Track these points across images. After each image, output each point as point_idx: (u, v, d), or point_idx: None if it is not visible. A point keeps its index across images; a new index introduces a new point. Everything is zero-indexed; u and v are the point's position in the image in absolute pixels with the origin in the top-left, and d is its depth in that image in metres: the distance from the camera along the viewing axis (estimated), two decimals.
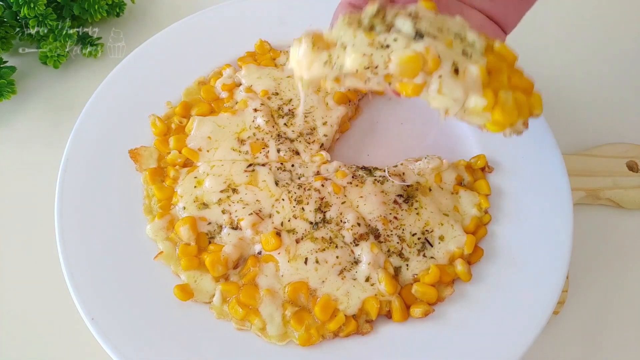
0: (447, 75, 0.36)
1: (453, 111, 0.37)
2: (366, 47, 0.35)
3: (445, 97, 0.36)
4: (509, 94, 0.37)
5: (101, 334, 0.50)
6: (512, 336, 0.51)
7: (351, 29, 0.36)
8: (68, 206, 0.58)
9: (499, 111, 0.37)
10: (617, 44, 0.86)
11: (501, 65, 0.39)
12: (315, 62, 0.37)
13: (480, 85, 0.36)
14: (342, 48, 0.36)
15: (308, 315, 0.52)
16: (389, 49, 0.35)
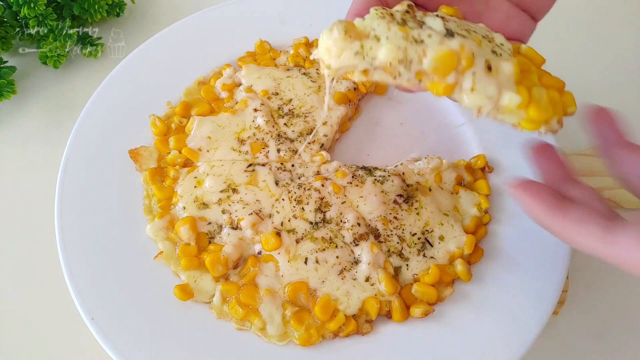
0: (480, 72, 0.35)
1: (486, 109, 0.36)
2: (401, 40, 0.34)
3: (478, 94, 0.35)
4: (543, 91, 0.37)
5: (101, 334, 0.50)
6: (512, 336, 0.51)
7: (385, 21, 0.35)
8: (68, 206, 0.58)
9: (534, 108, 0.36)
10: (617, 43, 0.86)
11: (530, 65, 0.39)
12: (346, 51, 0.35)
13: (514, 82, 0.36)
14: (375, 39, 0.35)
15: (308, 315, 0.52)
16: (424, 44, 0.34)
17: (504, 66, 0.36)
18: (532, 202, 0.39)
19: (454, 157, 0.64)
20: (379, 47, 0.35)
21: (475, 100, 0.35)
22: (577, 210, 0.37)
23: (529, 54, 0.41)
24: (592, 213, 0.37)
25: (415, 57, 0.34)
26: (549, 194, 0.38)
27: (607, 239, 0.35)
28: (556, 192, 0.39)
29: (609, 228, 0.36)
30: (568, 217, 0.37)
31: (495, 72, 0.35)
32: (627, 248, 0.35)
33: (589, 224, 0.36)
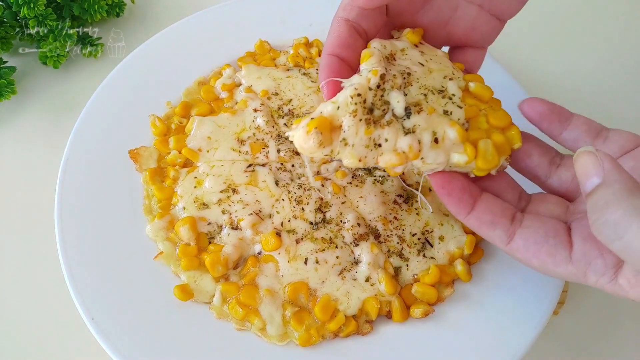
0: (428, 149, 0.41)
1: (440, 168, 0.43)
2: (363, 148, 0.41)
3: (429, 165, 0.42)
4: (488, 142, 0.42)
5: (101, 334, 0.50)
6: (512, 336, 0.51)
7: (355, 121, 0.40)
8: (68, 206, 0.58)
9: (481, 160, 0.42)
10: (617, 43, 0.86)
11: (478, 108, 0.44)
12: (317, 153, 0.41)
13: (460, 144, 0.42)
14: (343, 144, 0.41)
15: (308, 316, 0.52)
16: (380, 149, 0.41)
17: (450, 134, 0.42)
18: (447, 201, 0.43)
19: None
20: (344, 155, 0.41)
21: (428, 168, 0.43)
22: (487, 213, 0.42)
23: (478, 92, 0.45)
24: (501, 215, 0.42)
25: (371, 162, 0.42)
26: (461, 191, 0.43)
27: (511, 246, 0.41)
28: (474, 190, 0.43)
29: (510, 233, 0.41)
30: (479, 220, 0.42)
31: (442, 141, 0.42)
32: (522, 252, 0.41)
33: (496, 230, 0.42)
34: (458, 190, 0.43)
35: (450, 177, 0.43)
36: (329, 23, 0.46)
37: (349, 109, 0.40)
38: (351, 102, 0.40)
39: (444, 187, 0.43)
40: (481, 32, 0.50)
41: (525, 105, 0.45)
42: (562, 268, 0.40)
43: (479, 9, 0.49)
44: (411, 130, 0.41)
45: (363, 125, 0.41)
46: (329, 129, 0.40)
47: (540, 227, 0.41)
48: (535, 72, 0.81)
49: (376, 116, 0.41)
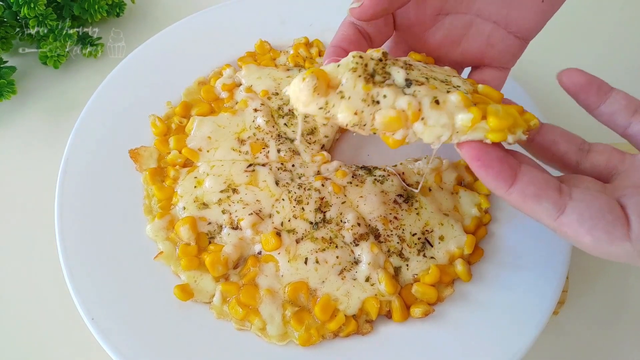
0: (428, 110, 0.38)
1: (446, 136, 0.38)
2: (359, 102, 0.39)
3: (433, 128, 0.38)
4: (498, 106, 0.39)
5: (101, 334, 0.50)
6: (512, 336, 0.51)
7: (354, 75, 0.39)
8: (68, 206, 0.58)
9: (493, 117, 0.38)
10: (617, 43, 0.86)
11: (487, 101, 0.41)
12: (312, 105, 0.39)
13: (464, 107, 0.38)
14: (339, 97, 0.39)
15: (308, 315, 0.52)
16: (378, 105, 0.39)
17: (451, 97, 0.38)
18: (484, 175, 0.38)
19: (454, 157, 0.64)
20: (339, 109, 0.39)
21: (432, 134, 0.39)
22: (531, 185, 0.37)
23: (487, 92, 0.42)
24: (546, 187, 0.37)
25: (368, 121, 0.39)
26: (500, 162, 0.37)
27: (561, 221, 0.37)
28: (512, 161, 0.38)
29: (560, 206, 0.37)
30: (523, 193, 0.37)
31: (443, 104, 0.38)
32: (573, 228, 0.37)
33: (543, 202, 0.37)
34: (496, 162, 0.37)
35: (485, 147, 0.38)
36: (329, 23, 0.47)
37: (349, 67, 0.39)
38: (352, 61, 0.40)
39: (480, 158, 0.38)
40: (499, 51, 0.48)
41: (564, 76, 0.42)
42: (618, 246, 0.36)
43: (494, 26, 0.47)
44: (411, 94, 0.39)
45: (362, 81, 0.39)
46: (325, 82, 0.39)
47: (593, 201, 0.37)
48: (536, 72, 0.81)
49: (376, 81, 0.40)
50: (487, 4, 0.47)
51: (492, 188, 0.38)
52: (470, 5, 0.47)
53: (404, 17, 0.48)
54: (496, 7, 0.47)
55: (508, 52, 0.48)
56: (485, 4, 0.47)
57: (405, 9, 0.47)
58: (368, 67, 0.40)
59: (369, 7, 0.42)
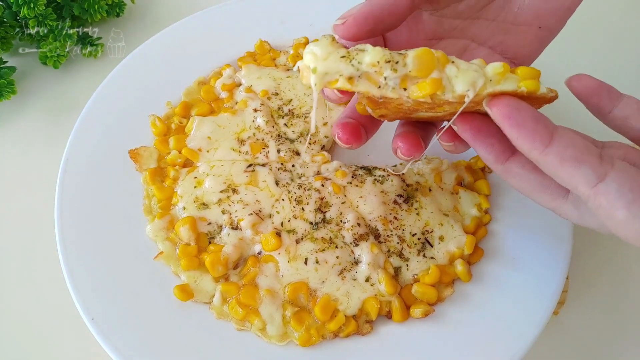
0: (457, 59, 0.36)
1: (481, 82, 0.35)
2: (384, 49, 0.36)
3: (466, 73, 0.35)
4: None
5: (101, 334, 0.50)
6: (512, 336, 0.51)
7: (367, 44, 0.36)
8: (68, 206, 0.58)
9: (522, 68, 0.36)
10: (617, 43, 0.86)
11: None
12: (333, 55, 0.35)
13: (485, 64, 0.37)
14: (360, 50, 0.36)
15: (308, 316, 0.52)
16: (404, 55, 0.36)
17: (473, 60, 0.37)
18: (517, 134, 0.35)
19: (454, 157, 0.64)
20: (365, 53, 0.35)
21: (465, 79, 0.35)
22: (570, 147, 0.34)
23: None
24: (586, 151, 0.35)
25: (399, 59, 0.35)
26: (535, 121, 0.35)
27: (598, 189, 0.34)
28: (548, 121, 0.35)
29: (600, 173, 0.34)
30: (560, 155, 0.34)
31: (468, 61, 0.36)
32: (609, 200, 0.34)
33: (582, 167, 0.34)
34: (531, 120, 0.34)
35: (517, 103, 0.35)
36: (329, 23, 0.46)
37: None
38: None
39: (512, 116, 0.34)
40: None
41: (574, 81, 0.40)
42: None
43: (489, 52, 0.45)
44: None
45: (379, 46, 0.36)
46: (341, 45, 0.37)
47: (636, 174, 0.34)
48: None
49: None
50: (483, 29, 0.45)
51: (526, 149, 0.35)
52: (465, 30, 0.46)
53: (395, 40, 0.45)
54: (492, 32, 0.45)
55: None
56: (480, 29, 0.45)
57: (396, 33, 0.45)
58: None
59: (352, 26, 0.39)
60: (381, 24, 0.40)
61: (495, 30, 0.45)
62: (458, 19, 0.45)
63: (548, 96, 0.37)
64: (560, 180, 0.36)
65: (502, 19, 0.45)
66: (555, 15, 0.44)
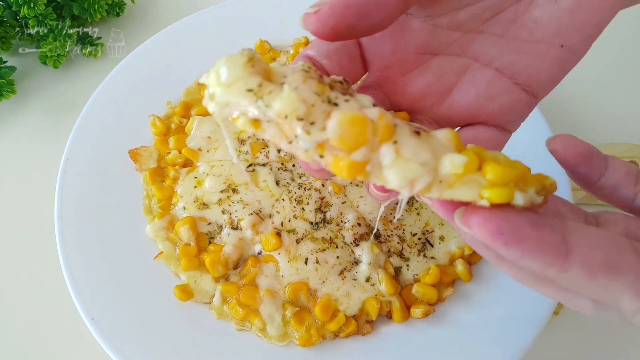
0: (405, 138, 0.26)
1: (423, 183, 0.25)
2: (310, 93, 0.26)
3: (407, 163, 0.25)
4: (499, 153, 0.27)
5: (101, 334, 0.50)
6: (512, 336, 0.51)
7: (304, 75, 0.27)
8: (68, 206, 0.57)
9: (493, 165, 0.25)
10: (618, 43, 0.86)
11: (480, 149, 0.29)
12: (240, 82, 0.26)
13: (454, 147, 0.26)
14: (279, 86, 0.26)
15: (308, 316, 0.52)
16: (336, 107, 0.26)
17: (439, 133, 0.27)
18: (521, 254, 0.25)
19: None
20: (275, 96, 0.26)
21: (404, 172, 0.25)
22: (596, 249, 0.26)
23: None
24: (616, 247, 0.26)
25: (320, 118, 0.26)
26: (536, 228, 0.25)
27: None
28: (551, 220, 0.26)
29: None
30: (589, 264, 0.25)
31: (425, 137, 0.26)
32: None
33: (623, 272, 0.25)
34: (531, 228, 0.25)
35: (504, 213, 0.25)
36: None
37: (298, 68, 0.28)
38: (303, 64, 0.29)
39: (504, 231, 0.24)
40: (500, 106, 0.36)
41: (556, 144, 0.31)
42: None
43: (495, 74, 0.36)
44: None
45: (315, 79, 0.27)
46: (262, 66, 0.27)
47: None
48: None
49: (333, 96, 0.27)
50: (488, 46, 0.36)
51: (538, 269, 0.25)
52: (466, 45, 0.36)
53: (377, 52, 0.36)
54: (499, 50, 0.36)
55: (512, 109, 0.36)
56: (485, 46, 0.36)
57: (378, 42, 0.36)
58: (324, 80, 0.28)
59: (327, 17, 0.29)
60: (366, 18, 0.30)
61: (504, 48, 0.36)
62: (457, 31, 0.36)
63: (544, 190, 0.27)
64: (592, 294, 0.27)
65: (513, 35, 0.35)
66: (581, 32, 0.35)
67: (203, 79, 0.28)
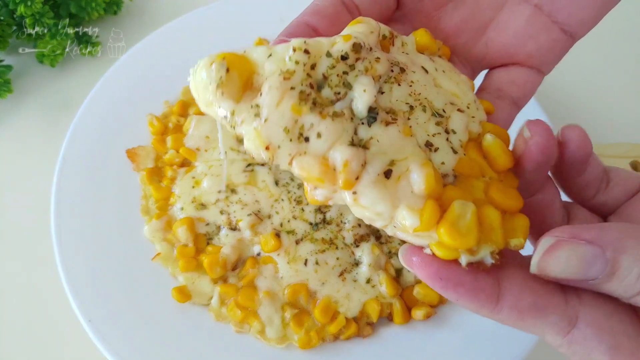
0: (368, 183, 0.26)
1: (379, 224, 0.27)
2: (279, 131, 0.26)
3: (362, 209, 0.27)
4: (469, 208, 0.26)
5: (98, 336, 0.50)
6: (514, 338, 0.51)
7: (281, 86, 0.26)
8: (65, 206, 0.57)
9: (448, 229, 0.26)
10: (619, 43, 0.85)
11: (481, 170, 0.29)
12: (214, 107, 0.27)
13: (422, 197, 0.26)
14: (253, 112, 0.26)
15: (308, 318, 0.52)
16: (305, 145, 0.26)
17: (415, 174, 0.27)
18: (456, 297, 0.27)
19: None
20: (247, 127, 0.26)
21: (361, 213, 0.27)
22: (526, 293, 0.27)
23: (492, 152, 0.30)
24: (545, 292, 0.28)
25: (283, 159, 0.26)
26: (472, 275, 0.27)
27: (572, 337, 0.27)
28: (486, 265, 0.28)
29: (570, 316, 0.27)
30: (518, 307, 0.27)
31: (395, 181, 0.27)
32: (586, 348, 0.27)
33: (548, 315, 0.27)
34: (467, 275, 0.27)
35: (445, 261, 0.27)
36: None
37: (283, 65, 0.26)
38: (291, 57, 0.27)
39: (442, 276, 0.27)
40: (539, 45, 0.35)
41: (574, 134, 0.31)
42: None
43: (535, 11, 0.34)
44: (362, 143, 0.27)
45: (294, 98, 0.26)
46: (244, 76, 0.26)
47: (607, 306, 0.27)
48: None
49: (323, 98, 0.27)
50: None
51: (472, 310, 0.28)
52: None
53: None
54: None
55: (551, 50, 0.35)
56: None
57: None
58: (316, 70, 0.27)
59: None
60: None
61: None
62: None
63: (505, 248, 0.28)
64: (526, 331, 0.29)
65: None
66: None
67: (189, 81, 0.28)
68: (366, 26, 0.30)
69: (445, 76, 0.32)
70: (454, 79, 0.32)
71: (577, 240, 0.25)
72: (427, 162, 0.27)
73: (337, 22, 0.31)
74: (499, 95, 0.36)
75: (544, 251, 0.26)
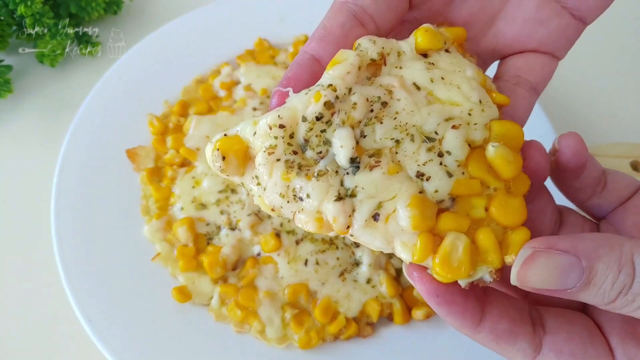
0: (360, 226, 0.29)
1: (386, 250, 0.30)
2: (276, 197, 0.30)
3: (365, 244, 0.30)
4: (461, 240, 0.28)
5: (98, 335, 0.50)
6: None
7: (269, 161, 0.29)
8: (65, 206, 0.57)
9: (442, 263, 0.28)
10: (619, 43, 0.85)
11: (484, 186, 0.29)
12: (229, 177, 0.31)
13: (413, 232, 0.28)
14: (255, 182, 0.30)
15: (308, 318, 0.51)
16: (301, 203, 0.29)
17: (401, 215, 0.28)
18: (446, 313, 0.30)
19: None
20: (255, 196, 0.31)
21: (366, 244, 0.30)
22: (503, 320, 0.30)
23: (495, 163, 0.30)
24: (520, 320, 0.31)
25: (288, 215, 0.30)
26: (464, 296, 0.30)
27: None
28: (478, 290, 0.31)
29: (536, 343, 0.30)
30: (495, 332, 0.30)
31: (383, 222, 0.29)
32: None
33: (518, 341, 0.30)
34: (459, 296, 0.30)
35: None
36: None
37: (266, 142, 0.29)
38: (270, 134, 0.29)
39: (439, 294, 0.30)
40: (550, 31, 0.35)
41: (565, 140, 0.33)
42: None
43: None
44: (348, 193, 0.29)
45: (281, 168, 0.29)
46: (240, 155, 0.30)
47: (570, 330, 0.30)
48: None
49: (308, 159, 0.30)
50: None
51: (455, 327, 0.31)
52: None
53: None
54: None
55: (563, 35, 0.35)
56: None
57: None
58: (295, 137, 0.30)
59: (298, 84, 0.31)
60: None
61: None
62: None
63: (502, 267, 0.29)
64: (498, 353, 0.32)
65: None
66: None
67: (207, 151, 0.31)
68: (342, 67, 0.30)
69: (444, 83, 0.32)
70: (455, 81, 0.32)
71: (553, 250, 0.27)
72: (415, 198, 0.28)
73: (345, 45, 0.32)
74: (518, 81, 0.36)
75: (522, 263, 0.27)
